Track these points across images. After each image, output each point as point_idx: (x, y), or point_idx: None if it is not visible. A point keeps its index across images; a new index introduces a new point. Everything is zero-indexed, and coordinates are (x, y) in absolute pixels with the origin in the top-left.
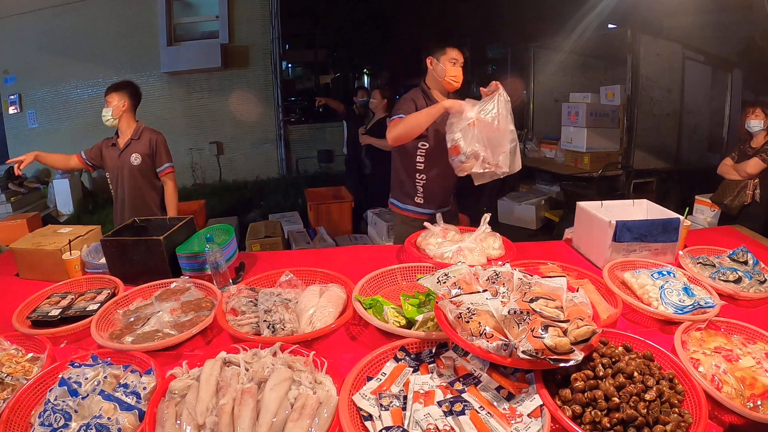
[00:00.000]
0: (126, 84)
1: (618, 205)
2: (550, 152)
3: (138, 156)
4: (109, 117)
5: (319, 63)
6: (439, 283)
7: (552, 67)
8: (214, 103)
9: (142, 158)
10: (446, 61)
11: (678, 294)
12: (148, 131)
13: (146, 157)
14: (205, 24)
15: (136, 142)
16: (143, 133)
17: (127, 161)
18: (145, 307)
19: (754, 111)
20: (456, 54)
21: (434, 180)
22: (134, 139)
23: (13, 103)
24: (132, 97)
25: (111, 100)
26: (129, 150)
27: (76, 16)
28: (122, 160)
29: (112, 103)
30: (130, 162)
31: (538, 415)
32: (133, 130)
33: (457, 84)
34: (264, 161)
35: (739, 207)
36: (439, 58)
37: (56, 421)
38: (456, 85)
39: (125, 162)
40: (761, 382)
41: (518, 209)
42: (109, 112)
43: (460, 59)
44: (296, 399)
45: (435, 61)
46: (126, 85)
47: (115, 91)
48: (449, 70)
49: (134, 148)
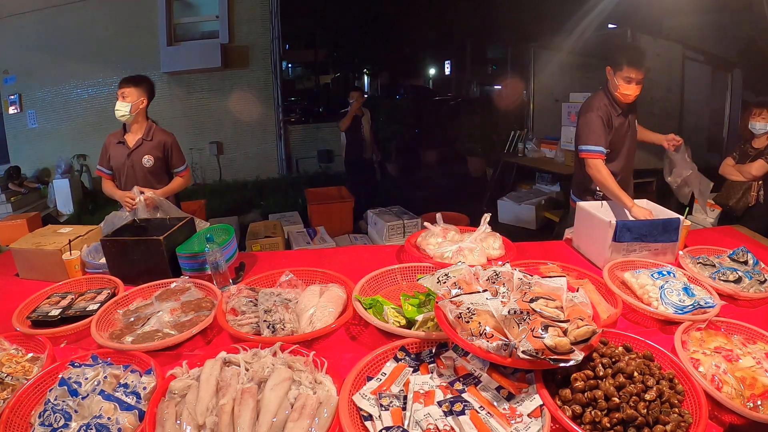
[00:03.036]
0: (145, 79)
1: (618, 205)
2: (550, 152)
3: (150, 158)
4: (126, 112)
5: (319, 63)
6: (439, 283)
7: (552, 67)
8: (214, 103)
9: (154, 160)
10: (620, 78)
11: (678, 294)
12: (159, 132)
13: (158, 160)
14: (205, 24)
15: (148, 143)
16: (155, 134)
17: (138, 162)
18: (145, 307)
19: (760, 112)
20: (633, 74)
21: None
22: (146, 140)
23: (13, 103)
24: (149, 95)
25: (128, 95)
26: (141, 150)
27: (76, 16)
28: (132, 160)
29: (129, 98)
30: (142, 163)
31: (538, 415)
32: (145, 129)
33: (627, 101)
34: (264, 161)
35: (744, 208)
36: (615, 72)
37: (56, 421)
38: (626, 101)
39: (136, 162)
40: (761, 382)
41: (518, 209)
42: (127, 108)
43: (636, 77)
44: (296, 399)
45: (612, 73)
46: (145, 80)
47: (135, 86)
48: (621, 86)
49: (146, 150)
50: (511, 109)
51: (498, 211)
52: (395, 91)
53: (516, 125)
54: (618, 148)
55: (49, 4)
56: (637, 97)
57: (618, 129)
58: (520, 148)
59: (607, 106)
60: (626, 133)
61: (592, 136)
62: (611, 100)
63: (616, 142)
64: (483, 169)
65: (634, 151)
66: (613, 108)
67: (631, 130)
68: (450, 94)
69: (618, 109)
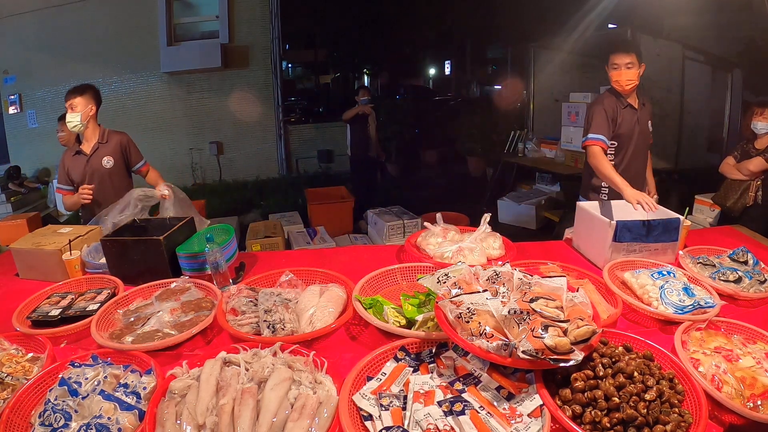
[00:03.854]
0: (89, 87)
1: (618, 205)
2: (550, 152)
3: (110, 158)
4: (78, 122)
5: (319, 63)
6: (439, 283)
7: (552, 67)
8: (214, 103)
9: (114, 160)
10: (610, 69)
11: (678, 294)
12: (113, 134)
13: (118, 159)
14: (205, 24)
15: (105, 145)
16: (110, 136)
17: (98, 166)
18: (145, 307)
19: (762, 112)
20: (617, 59)
21: (623, 171)
22: (102, 143)
23: (13, 103)
24: (97, 102)
25: (76, 105)
26: (99, 154)
27: (76, 16)
28: (92, 166)
29: (78, 108)
30: (102, 165)
31: (538, 415)
32: (99, 134)
33: (620, 87)
34: (264, 161)
35: (742, 209)
36: (607, 66)
37: (56, 421)
38: (620, 89)
39: (96, 167)
40: (761, 382)
41: (518, 209)
42: (78, 117)
43: (622, 62)
44: (296, 399)
45: (606, 68)
46: (89, 88)
47: (81, 95)
48: (612, 75)
49: (104, 152)
50: (511, 109)
51: (498, 211)
52: (395, 91)
53: (516, 125)
54: (625, 143)
55: (49, 4)
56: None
57: (625, 122)
58: (520, 148)
59: (613, 100)
60: (634, 129)
61: (593, 125)
62: (617, 95)
63: (623, 135)
64: (483, 169)
65: (644, 152)
66: (619, 102)
67: (640, 128)
68: (450, 94)
69: (624, 103)
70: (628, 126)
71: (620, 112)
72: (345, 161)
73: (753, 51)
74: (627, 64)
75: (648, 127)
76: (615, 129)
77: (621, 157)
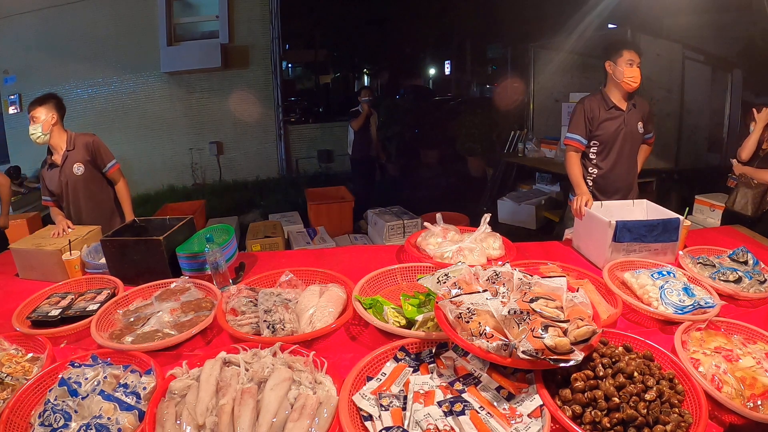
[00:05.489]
0: (50, 96)
1: (618, 205)
2: (550, 152)
3: (80, 165)
4: (39, 133)
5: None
6: (439, 283)
7: (552, 67)
8: (214, 103)
9: (84, 165)
10: (623, 64)
11: (678, 294)
12: (80, 137)
13: (88, 164)
14: (205, 24)
15: (73, 152)
16: (76, 140)
17: (70, 174)
18: (145, 307)
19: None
20: (632, 55)
21: (608, 171)
22: (70, 150)
23: (13, 103)
24: (59, 109)
25: (38, 116)
26: (69, 161)
27: (76, 16)
28: (66, 174)
29: (39, 119)
30: (74, 173)
31: (538, 415)
32: (66, 141)
33: (635, 84)
34: (264, 161)
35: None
36: (616, 61)
37: (56, 421)
38: (634, 86)
39: (69, 175)
40: (761, 382)
41: (518, 209)
42: (38, 129)
43: (636, 60)
44: (296, 399)
45: (613, 64)
46: (50, 97)
47: (41, 105)
48: (626, 71)
49: (74, 159)
50: (511, 109)
51: (498, 211)
52: (395, 91)
53: (516, 125)
54: (608, 145)
55: (49, 4)
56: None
57: (607, 122)
58: (520, 148)
59: (595, 101)
60: (619, 131)
61: (570, 125)
62: (603, 96)
63: (605, 136)
64: (483, 169)
65: (633, 153)
66: (603, 103)
67: (627, 130)
68: (450, 94)
69: (609, 103)
70: (611, 127)
71: (602, 114)
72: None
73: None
74: (638, 63)
75: (638, 129)
76: (594, 129)
77: (603, 158)
